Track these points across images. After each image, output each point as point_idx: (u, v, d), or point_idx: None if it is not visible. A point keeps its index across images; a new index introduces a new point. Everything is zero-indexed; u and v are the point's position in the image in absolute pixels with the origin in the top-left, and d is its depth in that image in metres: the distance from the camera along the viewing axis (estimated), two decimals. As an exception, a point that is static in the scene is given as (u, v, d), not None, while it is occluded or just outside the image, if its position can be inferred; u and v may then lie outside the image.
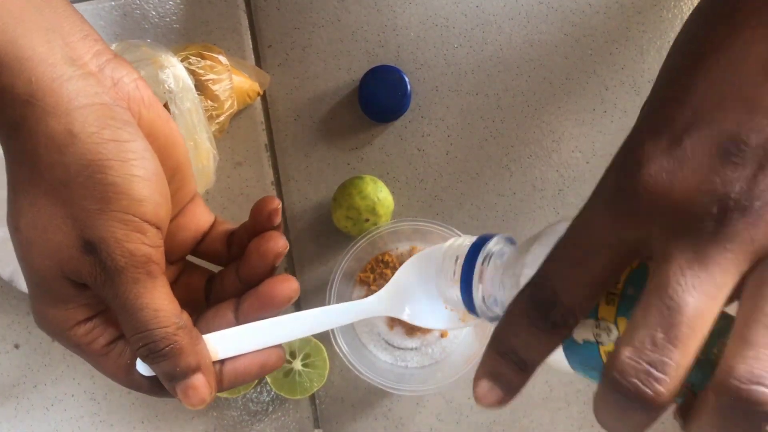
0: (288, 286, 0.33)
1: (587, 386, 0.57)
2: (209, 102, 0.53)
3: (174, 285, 0.32)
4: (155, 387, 0.31)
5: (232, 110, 0.55)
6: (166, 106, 0.50)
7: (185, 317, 0.30)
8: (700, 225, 0.22)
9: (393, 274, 0.55)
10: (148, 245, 0.28)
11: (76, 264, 0.28)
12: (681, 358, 0.21)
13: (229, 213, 0.58)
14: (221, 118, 0.54)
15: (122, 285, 0.28)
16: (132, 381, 0.31)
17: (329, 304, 0.51)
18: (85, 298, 0.29)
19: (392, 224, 0.52)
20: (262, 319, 0.33)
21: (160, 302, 0.29)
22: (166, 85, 0.48)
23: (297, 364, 0.55)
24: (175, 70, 0.49)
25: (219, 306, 0.34)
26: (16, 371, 0.57)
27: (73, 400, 0.57)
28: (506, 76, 0.59)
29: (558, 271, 0.25)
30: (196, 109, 0.50)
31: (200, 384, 0.30)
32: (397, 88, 0.56)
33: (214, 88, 0.53)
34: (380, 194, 0.54)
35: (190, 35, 0.59)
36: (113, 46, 0.51)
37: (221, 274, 0.36)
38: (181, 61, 0.52)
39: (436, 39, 0.60)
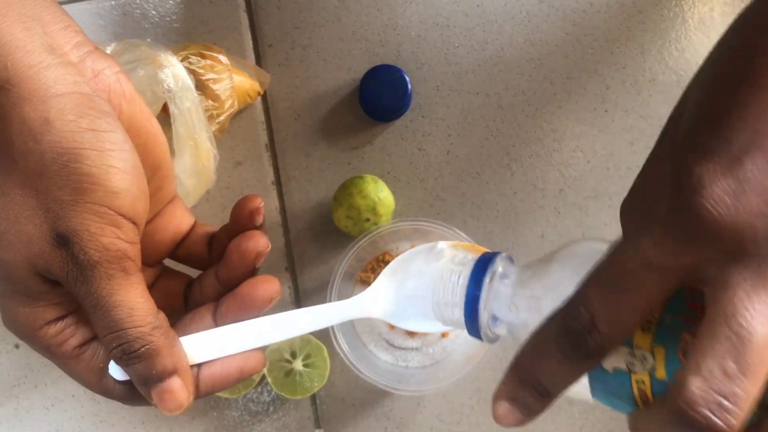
0: (269, 286, 0.32)
1: (588, 386, 0.57)
2: (210, 102, 0.53)
3: (151, 289, 0.31)
4: (129, 393, 0.30)
5: (232, 110, 0.55)
6: (165, 105, 0.50)
7: (162, 317, 0.29)
8: (765, 249, 0.21)
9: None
10: (124, 240, 0.27)
11: (48, 258, 0.27)
12: (752, 389, 0.20)
13: (230, 213, 0.58)
14: (222, 118, 0.54)
15: (95, 281, 0.27)
16: (104, 386, 0.29)
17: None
18: (56, 296, 0.28)
19: (393, 224, 0.52)
20: (242, 321, 0.32)
21: (135, 300, 0.28)
22: (165, 85, 0.48)
23: (298, 364, 0.55)
24: (174, 70, 0.49)
25: (197, 310, 0.32)
26: (17, 371, 0.57)
27: (73, 400, 0.57)
28: (507, 76, 0.59)
29: (599, 296, 0.23)
30: (195, 109, 0.50)
31: (177, 387, 0.29)
32: (397, 87, 0.56)
33: (215, 87, 0.53)
34: (381, 194, 0.54)
35: (191, 34, 0.59)
36: (112, 46, 0.51)
37: (200, 277, 0.34)
38: (182, 60, 0.52)
39: (436, 38, 0.59)
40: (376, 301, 0.34)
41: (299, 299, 0.58)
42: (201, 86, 0.53)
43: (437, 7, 0.60)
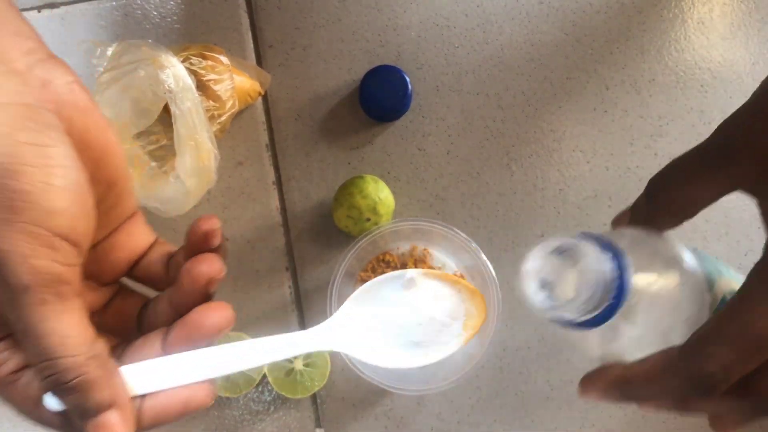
0: (219, 314, 0.29)
1: (588, 385, 0.57)
2: (211, 102, 0.53)
3: (106, 310, 0.29)
4: (67, 424, 0.27)
5: (233, 110, 0.55)
6: (166, 106, 0.50)
7: (100, 346, 0.27)
8: None
9: (394, 273, 0.55)
10: (60, 263, 0.25)
11: None
12: None
13: (231, 212, 0.58)
14: (223, 118, 0.54)
15: (26, 306, 0.25)
16: (40, 416, 0.27)
17: (330, 303, 0.51)
18: None
19: (393, 224, 0.52)
20: (190, 350, 0.30)
21: (70, 328, 0.26)
22: (166, 85, 0.49)
23: (298, 364, 0.55)
24: (175, 70, 0.49)
25: (148, 335, 0.30)
26: (18, 371, 0.57)
27: (74, 400, 0.57)
28: (507, 76, 0.59)
29: (736, 358, 0.26)
30: (196, 109, 0.50)
31: (114, 422, 0.27)
32: (397, 87, 0.56)
33: (216, 88, 0.53)
34: (381, 194, 0.54)
35: (192, 35, 0.59)
36: (113, 46, 0.51)
37: (155, 299, 0.33)
38: (183, 61, 0.52)
39: (436, 39, 0.60)
40: (338, 332, 0.32)
41: (299, 299, 0.58)
42: (202, 87, 0.53)
43: (437, 7, 0.60)
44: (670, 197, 0.31)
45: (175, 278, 0.31)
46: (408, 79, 0.57)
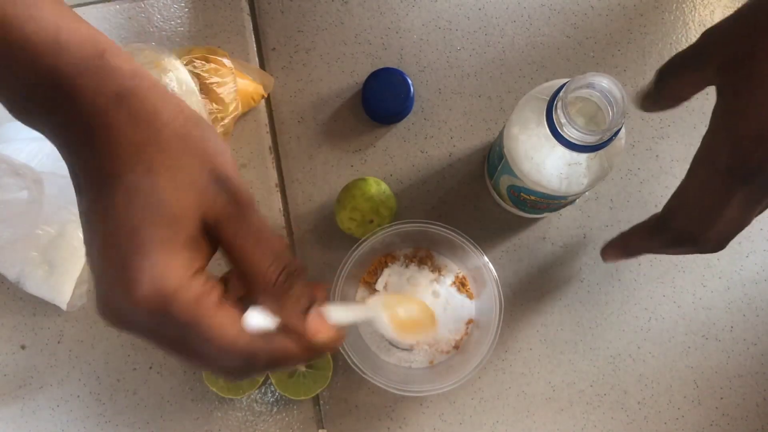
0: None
1: (590, 386, 0.57)
2: (214, 105, 0.53)
3: None
4: (263, 342, 0.30)
5: (236, 113, 0.55)
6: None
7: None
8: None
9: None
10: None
11: (212, 197, 0.29)
12: None
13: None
14: (226, 121, 0.55)
15: (252, 215, 0.30)
16: (245, 338, 0.30)
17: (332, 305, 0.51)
18: (204, 246, 0.30)
19: (395, 225, 0.53)
20: None
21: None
22: (169, 89, 0.49)
23: (301, 366, 0.56)
24: (178, 74, 0.49)
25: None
26: (23, 372, 0.58)
27: (78, 401, 0.57)
28: (509, 78, 0.60)
29: (701, 221, 0.37)
30: (199, 112, 0.50)
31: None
32: (400, 90, 0.57)
33: (219, 91, 0.53)
34: (384, 196, 0.54)
35: (195, 38, 0.60)
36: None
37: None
38: (186, 64, 0.52)
39: (438, 41, 0.60)
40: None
41: (302, 300, 0.58)
42: (205, 90, 0.53)
43: (439, 10, 0.60)
44: (666, 87, 0.40)
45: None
46: (410, 81, 0.57)
